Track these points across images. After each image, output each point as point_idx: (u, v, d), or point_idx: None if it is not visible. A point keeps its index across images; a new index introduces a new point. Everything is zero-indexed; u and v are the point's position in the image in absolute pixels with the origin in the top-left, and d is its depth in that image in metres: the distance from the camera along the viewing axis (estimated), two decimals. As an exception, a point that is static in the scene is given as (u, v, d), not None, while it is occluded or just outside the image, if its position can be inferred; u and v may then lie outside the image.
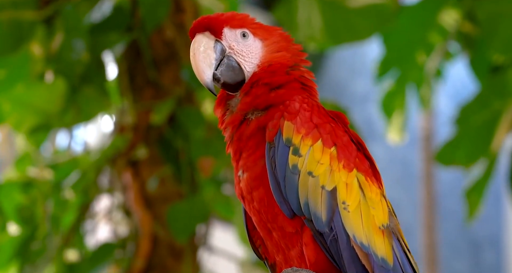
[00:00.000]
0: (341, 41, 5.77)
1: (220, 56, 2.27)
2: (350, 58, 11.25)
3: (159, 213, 5.08)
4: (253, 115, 2.24)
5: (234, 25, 2.29)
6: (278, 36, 2.32)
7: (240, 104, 2.25)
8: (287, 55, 2.30)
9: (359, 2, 5.61)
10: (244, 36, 2.29)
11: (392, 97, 6.32)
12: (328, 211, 2.14)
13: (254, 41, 2.30)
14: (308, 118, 2.21)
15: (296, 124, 2.19)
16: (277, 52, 2.30)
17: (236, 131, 2.25)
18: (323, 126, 2.21)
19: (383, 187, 2.27)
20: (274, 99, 2.24)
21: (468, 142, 5.71)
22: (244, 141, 2.23)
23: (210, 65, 2.25)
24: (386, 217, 2.20)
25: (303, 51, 2.35)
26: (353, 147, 2.24)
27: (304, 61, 2.33)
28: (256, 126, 2.23)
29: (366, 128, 9.52)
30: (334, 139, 2.21)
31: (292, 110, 2.21)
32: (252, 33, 2.29)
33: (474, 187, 5.73)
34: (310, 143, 2.18)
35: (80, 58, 4.96)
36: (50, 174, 5.24)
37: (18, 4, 4.99)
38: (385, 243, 2.17)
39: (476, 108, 5.71)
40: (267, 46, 2.30)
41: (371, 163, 2.27)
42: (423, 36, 6.14)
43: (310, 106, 2.23)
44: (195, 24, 2.28)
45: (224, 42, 2.28)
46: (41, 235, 5.10)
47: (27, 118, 5.12)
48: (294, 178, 2.16)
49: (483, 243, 11.27)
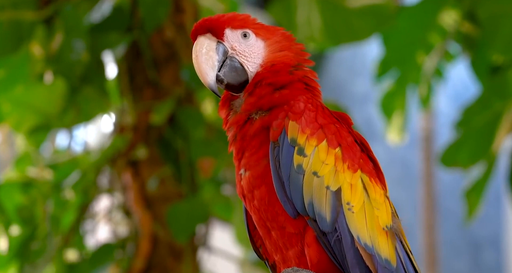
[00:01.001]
0: (340, 41, 5.77)
1: (223, 58, 2.27)
2: (350, 58, 11.25)
3: (159, 213, 5.08)
4: (257, 115, 2.24)
5: (235, 26, 2.28)
6: (280, 36, 2.31)
7: (244, 105, 2.25)
8: (290, 54, 2.30)
9: (359, 3, 5.61)
10: (245, 36, 2.28)
11: (392, 97, 6.32)
12: (332, 211, 2.15)
13: (256, 41, 2.29)
14: (313, 118, 2.21)
15: (301, 124, 2.19)
16: (280, 51, 2.29)
17: (240, 130, 2.24)
18: (327, 126, 2.22)
19: (387, 188, 2.28)
20: (279, 99, 2.24)
21: (470, 144, 5.71)
22: (248, 140, 2.23)
23: (213, 67, 2.25)
24: (389, 218, 2.20)
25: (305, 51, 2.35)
26: (357, 148, 2.24)
27: (307, 60, 2.33)
28: (260, 125, 2.23)
29: (366, 128, 9.52)
30: (338, 140, 2.21)
31: (297, 110, 2.21)
32: (254, 33, 2.29)
33: (474, 188, 5.74)
34: (315, 143, 2.19)
35: (80, 58, 4.95)
36: (50, 174, 5.24)
37: (18, 4, 4.99)
38: (388, 245, 2.17)
39: (477, 110, 5.71)
40: (270, 46, 2.29)
41: (375, 164, 2.27)
42: (423, 37, 6.14)
43: (315, 106, 2.23)
44: (196, 26, 2.28)
45: (226, 43, 2.28)
46: (41, 235, 5.10)
47: (27, 118, 5.12)
48: (299, 178, 2.16)
49: (483, 243, 11.26)
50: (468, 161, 5.74)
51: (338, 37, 5.68)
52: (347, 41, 5.80)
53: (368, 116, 10.52)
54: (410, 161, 11.04)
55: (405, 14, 6.09)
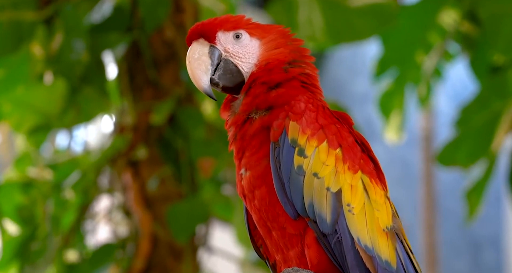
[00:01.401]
0: (341, 41, 5.76)
1: (217, 61, 2.26)
2: (350, 58, 11.25)
3: (159, 213, 5.08)
4: (257, 114, 2.23)
5: (228, 28, 2.27)
6: (276, 33, 2.30)
7: (241, 105, 2.24)
8: (285, 51, 2.28)
9: (360, 2, 5.61)
10: (238, 37, 2.27)
11: (390, 96, 6.31)
12: (333, 213, 2.14)
13: (250, 41, 2.28)
14: (314, 118, 2.20)
15: (302, 125, 2.18)
16: (275, 49, 2.28)
17: (239, 130, 2.24)
18: (328, 127, 2.20)
19: (387, 188, 2.27)
20: (275, 99, 2.23)
21: (469, 143, 5.71)
22: (248, 140, 2.22)
23: (206, 71, 2.25)
24: (390, 219, 2.19)
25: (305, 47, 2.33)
26: (358, 149, 2.23)
27: (306, 56, 2.31)
28: (260, 125, 2.22)
29: (366, 128, 9.52)
30: (339, 140, 2.20)
31: (297, 110, 2.19)
32: (248, 33, 2.28)
33: (474, 188, 5.73)
34: (316, 144, 2.17)
35: (80, 58, 4.95)
36: (50, 174, 5.24)
37: (18, 5, 4.99)
38: (389, 246, 2.16)
39: (476, 109, 5.71)
40: (265, 45, 2.28)
41: (375, 164, 2.26)
42: (422, 36, 6.14)
43: (316, 106, 2.22)
44: (189, 33, 2.28)
45: (219, 46, 2.27)
46: (41, 235, 5.09)
47: (27, 118, 5.12)
48: (299, 179, 2.15)
49: (483, 243, 11.27)
50: (467, 160, 5.74)
51: (340, 36, 5.67)
52: (348, 40, 5.79)
53: (368, 116, 10.52)
54: (410, 161, 11.05)
55: (405, 14, 6.09)
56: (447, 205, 10.69)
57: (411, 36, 6.19)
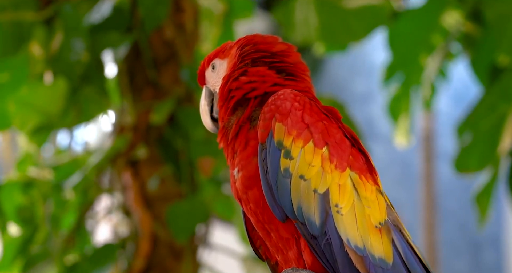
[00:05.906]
0: (337, 41, 5.80)
1: (210, 98, 2.32)
2: (350, 58, 11.25)
3: (159, 213, 5.09)
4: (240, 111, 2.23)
5: (208, 64, 2.32)
6: (235, 46, 2.29)
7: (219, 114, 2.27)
8: (237, 53, 2.27)
9: (355, 3, 5.63)
10: (213, 68, 2.31)
11: (398, 101, 6.30)
12: (321, 215, 2.09)
13: (221, 65, 2.30)
14: (300, 117, 2.15)
15: (287, 126, 2.13)
16: (231, 62, 2.28)
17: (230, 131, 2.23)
18: (315, 125, 2.15)
19: (379, 182, 2.21)
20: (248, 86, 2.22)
21: (479, 148, 5.68)
22: (233, 134, 2.21)
23: (206, 112, 2.31)
24: (383, 214, 2.14)
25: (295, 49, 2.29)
26: (347, 144, 2.17)
27: (280, 52, 2.26)
28: (242, 118, 2.21)
29: (366, 128, 9.52)
30: (326, 138, 2.15)
31: (283, 110, 2.14)
32: (219, 58, 2.31)
33: (483, 191, 5.70)
34: (301, 144, 2.12)
35: (80, 58, 4.96)
36: (51, 174, 5.24)
37: (18, 5, 5.00)
38: (383, 242, 2.11)
39: (482, 112, 5.67)
40: (229, 62, 2.29)
41: (366, 158, 2.21)
42: (427, 39, 6.13)
43: (302, 104, 2.17)
44: (198, 81, 2.36)
45: (208, 84, 2.32)
46: (42, 236, 5.10)
47: (30, 119, 5.12)
48: (286, 182, 2.11)
49: (483, 243, 11.28)
50: (478, 166, 5.70)
51: (335, 37, 5.71)
52: (343, 41, 5.83)
53: (369, 116, 10.53)
54: (410, 161, 11.05)
55: (409, 17, 6.07)
56: (447, 205, 10.70)
57: (416, 39, 6.18)
